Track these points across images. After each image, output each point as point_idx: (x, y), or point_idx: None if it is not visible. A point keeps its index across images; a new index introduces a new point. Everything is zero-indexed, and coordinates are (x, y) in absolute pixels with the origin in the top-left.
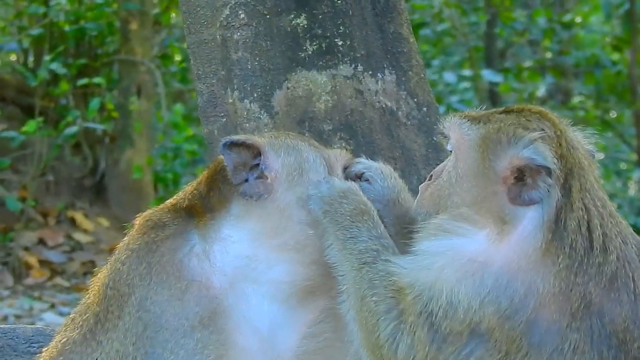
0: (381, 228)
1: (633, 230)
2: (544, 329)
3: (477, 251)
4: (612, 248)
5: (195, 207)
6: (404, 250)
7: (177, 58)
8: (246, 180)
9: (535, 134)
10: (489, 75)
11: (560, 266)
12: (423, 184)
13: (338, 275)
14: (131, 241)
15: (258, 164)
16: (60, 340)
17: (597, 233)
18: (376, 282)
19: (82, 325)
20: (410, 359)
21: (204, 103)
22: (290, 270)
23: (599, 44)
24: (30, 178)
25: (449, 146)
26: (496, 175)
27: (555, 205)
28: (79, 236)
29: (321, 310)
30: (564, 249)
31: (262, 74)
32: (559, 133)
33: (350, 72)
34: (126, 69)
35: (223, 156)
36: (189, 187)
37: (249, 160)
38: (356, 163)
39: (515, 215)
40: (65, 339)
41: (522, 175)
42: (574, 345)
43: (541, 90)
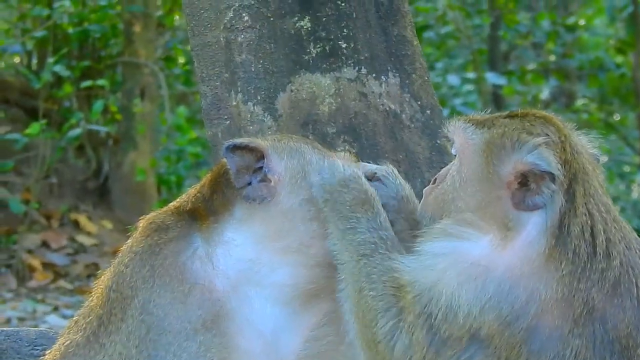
0: (381, 218)
1: (637, 234)
2: (545, 335)
3: (480, 256)
4: (616, 253)
5: (198, 210)
6: (412, 246)
7: (181, 60)
8: (249, 183)
9: (539, 139)
10: (492, 77)
11: (563, 272)
12: (427, 187)
13: (338, 263)
14: (134, 244)
15: (261, 167)
16: (64, 343)
17: (601, 238)
18: (374, 277)
19: (85, 327)
20: (408, 359)
21: (207, 105)
22: (293, 273)
23: (603, 47)
24: (33, 180)
25: (453, 150)
26: (500, 180)
27: (559, 210)
28: (83, 239)
29: (324, 313)
30: (567, 255)
31: (266, 76)
32: (563, 138)
33: (354, 75)
34: (130, 72)
35: (226, 159)
36: (192, 190)
37: (252, 163)
38: (364, 165)
39: (519, 221)
40: (68, 342)
41: (526, 180)
42: (576, 352)
43: (545, 93)
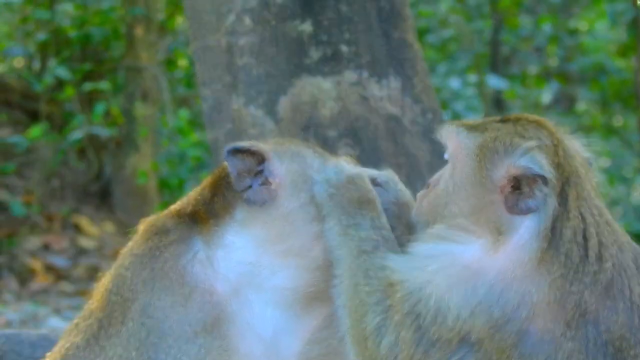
0: (384, 219)
1: (638, 238)
2: (537, 339)
3: (472, 259)
4: (608, 256)
5: (199, 213)
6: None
7: (183, 63)
8: (250, 186)
9: (531, 143)
10: (494, 81)
11: (556, 275)
12: (421, 192)
13: (334, 259)
14: (135, 247)
15: (262, 171)
16: (64, 346)
17: (593, 241)
18: (371, 273)
19: (86, 330)
20: (394, 357)
21: (209, 109)
22: (294, 277)
23: (605, 51)
24: (35, 183)
25: (446, 155)
26: (493, 184)
27: (552, 214)
28: (84, 241)
29: (325, 316)
30: (560, 258)
31: (267, 80)
32: (555, 142)
33: (355, 79)
34: (131, 75)
35: (227, 162)
36: (193, 193)
37: (253, 166)
38: (365, 171)
39: (512, 225)
40: (68, 344)
41: (519, 184)
42: (568, 355)
43: (546, 96)
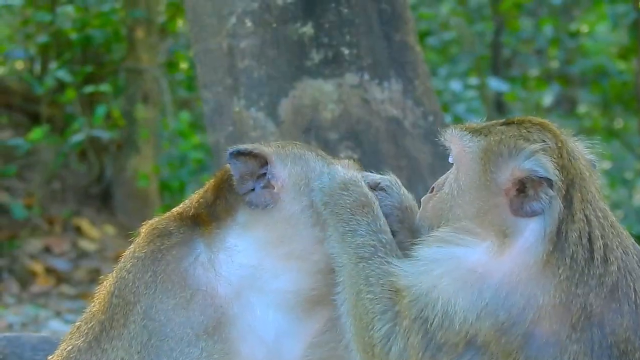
0: (381, 222)
1: (639, 240)
2: (543, 341)
3: (477, 262)
4: (613, 259)
5: (201, 216)
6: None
7: (184, 66)
8: (252, 189)
9: (536, 146)
10: (495, 84)
11: (561, 277)
12: (425, 196)
13: (336, 266)
14: (137, 249)
15: (265, 174)
16: (66, 348)
17: (598, 244)
18: (372, 280)
19: (88, 333)
20: None
21: (210, 111)
22: (296, 280)
23: (606, 53)
24: (36, 186)
25: (450, 158)
26: (498, 187)
27: (557, 216)
28: (85, 244)
29: (327, 319)
30: (565, 261)
31: (269, 82)
32: (560, 144)
33: (356, 81)
34: (132, 77)
35: (229, 165)
36: (195, 196)
37: (255, 169)
38: (367, 175)
39: (517, 227)
40: (70, 347)
41: (524, 187)
42: (574, 357)
43: (547, 99)
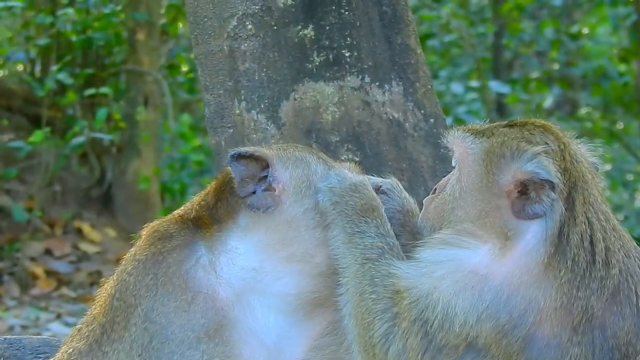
0: (388, 226)
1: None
2: (544, 344)
3: (479, 264)
4: (615, 262)
5: (202, 219)
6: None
7: (184, 68)
8: (254, 192)
9: (538, 148)
10: (496, 86)
11: (562, 280)
12: (427, 197)
13: (340, 267)
14: (138, 252)
15: (266, 176)
16: (66, 351)
17: (600, 247)
18: (377, 280)
19: (88, 335)
20: None
21: (211, 114)
22: (297, 282)
23: (606, 55)
24: (37, 188)
25: (453, 160)
26: (500, 189)
27: (559, 219)
28: (86, 246)
29: (328, 322)
30: (567, 263)
31: (270, 85)
32: (562, 146)
33: (357, 84)
34: (133, 79)
35: (231, 168)
36: (196, 198)
37: (257, 172)
38: (369, 178)
39: (519, 230)
40: (71, 350)
41: (526, 189)
42: None
43: (548, 101)
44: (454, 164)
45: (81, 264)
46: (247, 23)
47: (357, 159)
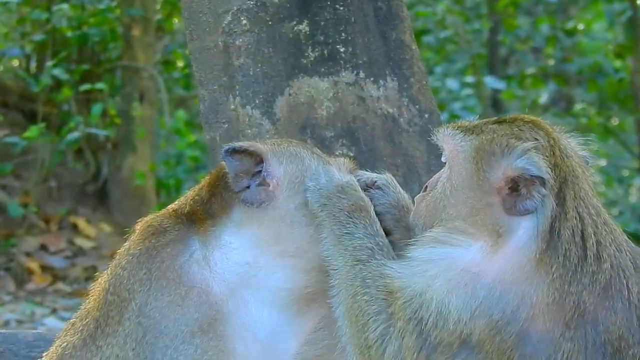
0: (377, 226)
1: (636, 238)
2: (537, 339)
3: (471, 262)
4: (606, 256)
5: (196, 213)
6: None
7: (180, 64)
8: (248, 187)
9: (528, 144)
10: (491, 82)
11: (554, 276)
12: (418, 195)
13: (331, 269)
14: (132, 246)
15: (260, 171)
16: (61, 345)
17: (591, 241)
18: (369, 282)
19: (82, 330)
20: None
21: (206, 109)
22: (290, 277)
23: (602, 52)
24: (32, 184)
25: (443, 157)
26: (490, 186)
27: (550, 214)
28: (81, 242)
29: (321, 317)
30: (558, 259)
31: (264, 80)
32: (552, 142)
33: (352, 79)
34: (129, 75)
35: (225, 163)
36: (190, 193)
37: (251, 167)
38: (363, 173)
39: (510, 226)
40: (65, 344)
41: (517, 185)
42: (568, 355)
43: (544, 97)
44: (444, 161)
45: (76, 259)
46: (242, 18)
47: (352, 155)
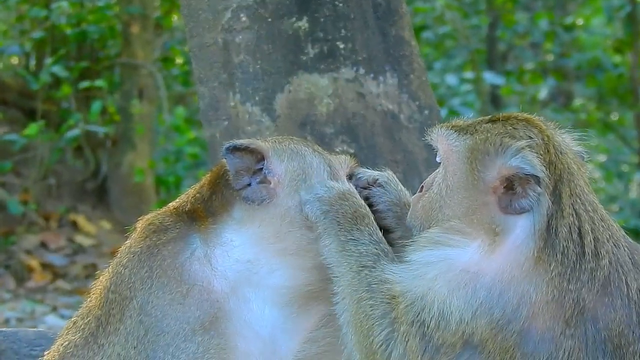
0: (379, 233)
1: (635, 234)
2: (538, 337)
3: (469, 262)
4: (604, 252)
5: (197, 211)
6: (405, 254)
7: (179, 61)
8: (249, 184)
9: (522, 143)
10: (490, 77)
11: (553, 273)
12: (415, 195)
13: (334, 276)
14: (133, 244)
15: (261, 169)
16: (62, 344)
17: (589, 238)
18: (374, 287)
19: (84, 328)
20: None
21: (205, 106)
22: (291, 275)
23: (601, 47)
24: (32, 181)
25: (437, 158)
26: (485, 185)
27: (546, 212)
28: (81, 239)
29: (322, 315)
30: (556, 256)
31: (264, 77)
32: (546, 139)
33: (351, 75)
34: (128, 72)
35: (226, 160)
36: (191, 191)
37: (252, 164)
38: (364, 171)
39: (507, 225)
40: (67, 342)
41: (512, 184)
42: (569, 352)
43: (543, 92)
44: (439, 161)
45: (76, 257)
46: (242, 15)
47: (352, 151)
